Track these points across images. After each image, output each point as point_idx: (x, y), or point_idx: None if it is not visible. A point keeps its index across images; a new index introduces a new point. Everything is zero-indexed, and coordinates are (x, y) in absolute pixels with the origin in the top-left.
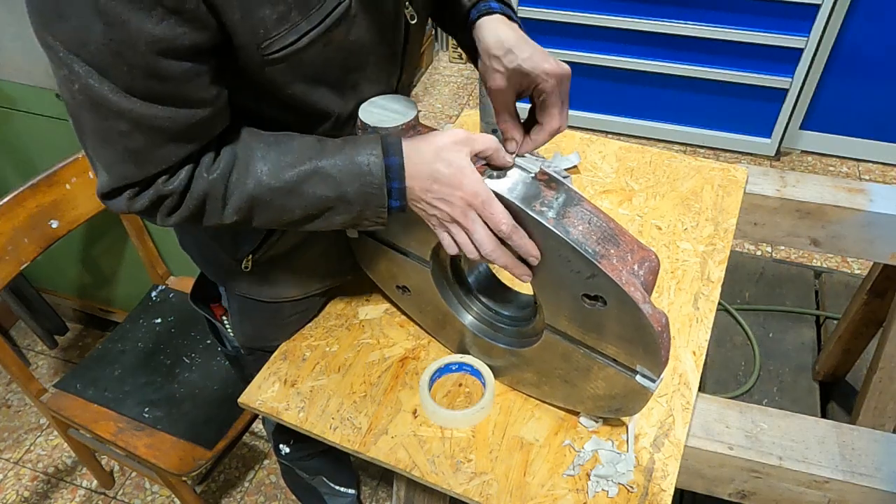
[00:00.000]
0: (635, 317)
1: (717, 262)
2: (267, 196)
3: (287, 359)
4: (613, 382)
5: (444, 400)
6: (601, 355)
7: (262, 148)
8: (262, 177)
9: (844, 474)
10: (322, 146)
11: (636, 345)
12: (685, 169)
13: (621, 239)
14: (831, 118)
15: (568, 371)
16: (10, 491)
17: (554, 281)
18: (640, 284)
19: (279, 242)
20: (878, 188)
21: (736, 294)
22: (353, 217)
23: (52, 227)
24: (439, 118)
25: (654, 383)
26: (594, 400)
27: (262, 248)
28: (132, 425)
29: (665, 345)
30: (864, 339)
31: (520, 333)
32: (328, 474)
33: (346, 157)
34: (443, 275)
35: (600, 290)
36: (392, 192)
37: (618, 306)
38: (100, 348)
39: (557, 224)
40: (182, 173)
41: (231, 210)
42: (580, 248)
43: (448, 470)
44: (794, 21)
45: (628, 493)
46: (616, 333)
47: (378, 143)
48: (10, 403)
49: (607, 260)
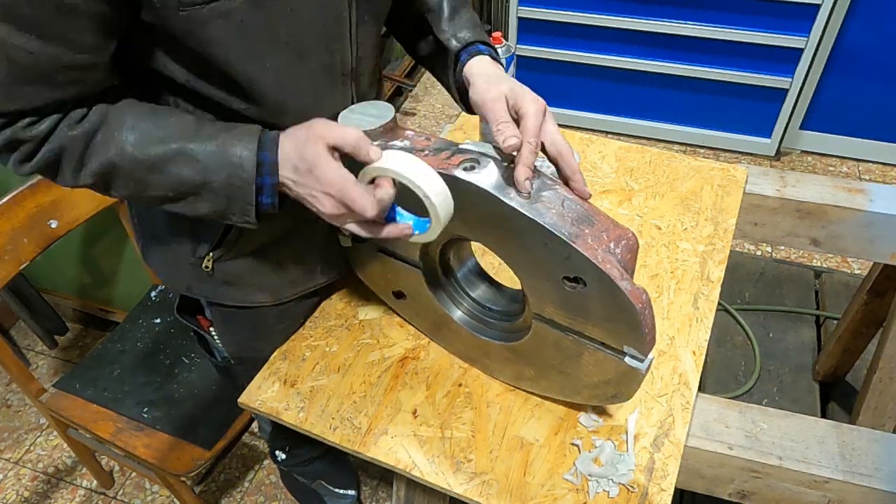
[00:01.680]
0: (615, 295)
1: (716, 262)
2: (128, 166)
3: (287, 359)
4: (605, 367)
5: (444, 400)
6: (589, 340)
7: (135, 116)
8: (125, 146)
9: (844, 474)
10: (198, 127)
11: (620, 324)
12: (685, 169)
13: (596, 219)
14: (831, 118)
15: (561, 360)
16: (10, 491)
17: (534, 266)
18: (618, 262)
19: (241, 242)
20: (878, 188)
21: (736, 294)
22: (219, 210)
23: (52, 227)
24: (439, 118)
25: (643, 363)
26: (590, 388)
27: (221, 247)
28: (131, 425)
29: (648, 322)
30: (864, 339)
31: (512, 328)
32: (327, 478)
33: (220, 144)
34: (434, 275)
35: (578, 271)
36: (263, 189)
37: (597, 286)
38: (99, 348)
39: (531, 209)
40: (46, 122)
41: (88, 172)
42: (554, 230)
43: (448, 470)
44: (794, 21)
45: (628, 493)
46: (600, 315)
47: (255, 137)
48: (10, 403)
49: (581, 239)
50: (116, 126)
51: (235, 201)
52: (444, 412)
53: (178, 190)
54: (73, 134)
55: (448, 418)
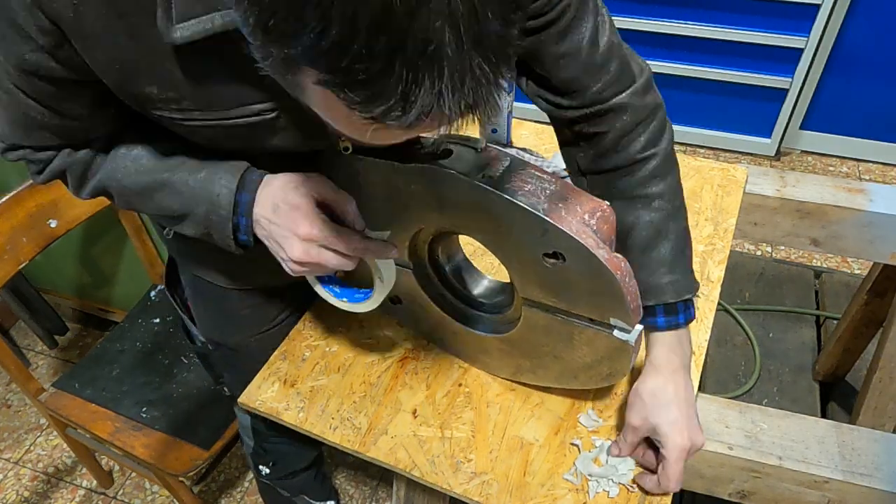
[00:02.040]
0: (593, 265)
1: (716, 262)
2: (119, 192)
3: (287, 359)
4: (596, 345)
5: (444, 400)
6: (577, 318)
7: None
8: (117, 174)
9: (844, 474)
10: (183, 161)
11: (603, 296)
12: (685, 169)
13: (569, 194)
14: (831, 118)
15: (554, 345)
16: (10, 491)
17: (515, 248)
18: (594, 233)
19: None
20: (878, 188)
21: (736, 294)
22: (203, 234)
23: (51, 227)
24: None
25: (631, 334)
26: (585, 370)
27: None
28: (129, 425)
29: (630, 290)
30: (864, 339)
31: (504, 319)
32: (310, 492)
33: (204, 178)
34: (425, 274)
35: (556, 246)
36: (240, 227)
37: (575, 258)
38: (98, 348)
39: (503, 189)
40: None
41: (86, 192)
42: (528, 207)
43: (448, 470)
44: (794, 21)
45: (628, 493)
46: (583, 288)
47: (237, 177)
48: (10, 403)
49: (555, 213)
50: (112, 156)
51: (215, 231)
52: (444, 412)
53: (164, 214)
54: (72, 160)
55: (448, 418)
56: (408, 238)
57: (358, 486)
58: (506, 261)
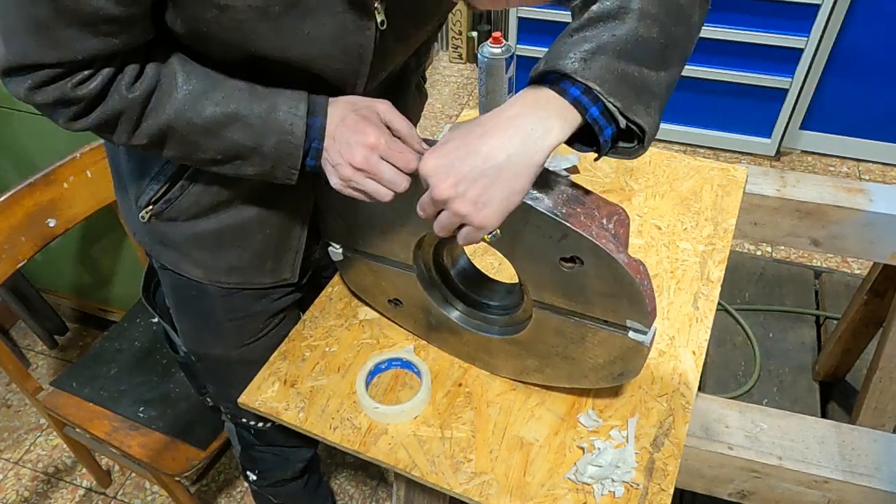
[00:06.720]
0: (612, 268)
1: (716, 262)
2: (184, 129)
3: (287, 359)
4: (609, 346)
5: (444, 400)
6: (591, 319)
7: (187, 77)
8: (182, 108)
9: (844, 474)
10: (251, 90)
11: (620, 298)
12: (685, 169)
13: (586, 198)
14: (831, 118)
15: (565, 346)
16: (10, 491)
17: (530, 252)
18: (612, 237)
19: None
20: (878, 188)
21: (736, 294)
22: (263, 171)
23: (50, 226)
24: (439, 118)
25: (647, 335)
26: (596, 371)
27: (160, 203)
28: (127, 424)
29: (648, 292)
30: (864, 339)
31: (512, 321)
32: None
33: (271, 107)
34: (428, 277)
35: (574, 250)
36: (310, 152)
37: (594, 262)
38: (96, 347)
39: None
40: (96, 81)
41: (143, 133)
42: (547, 212)
43: (448, 470)
44: (794, 21)
45: (628, 493)
46: (599, 291)
47: (303, 102)
48: (10, 403)
49: (575, 218)
50: (171, 88)
51: (281, 164)
52: (444, 412)
53: (230, 153)
54: (132, 97)
55: (448, 418)
56: (413, 242)
57: (358, 486)
58: (519, 265)
